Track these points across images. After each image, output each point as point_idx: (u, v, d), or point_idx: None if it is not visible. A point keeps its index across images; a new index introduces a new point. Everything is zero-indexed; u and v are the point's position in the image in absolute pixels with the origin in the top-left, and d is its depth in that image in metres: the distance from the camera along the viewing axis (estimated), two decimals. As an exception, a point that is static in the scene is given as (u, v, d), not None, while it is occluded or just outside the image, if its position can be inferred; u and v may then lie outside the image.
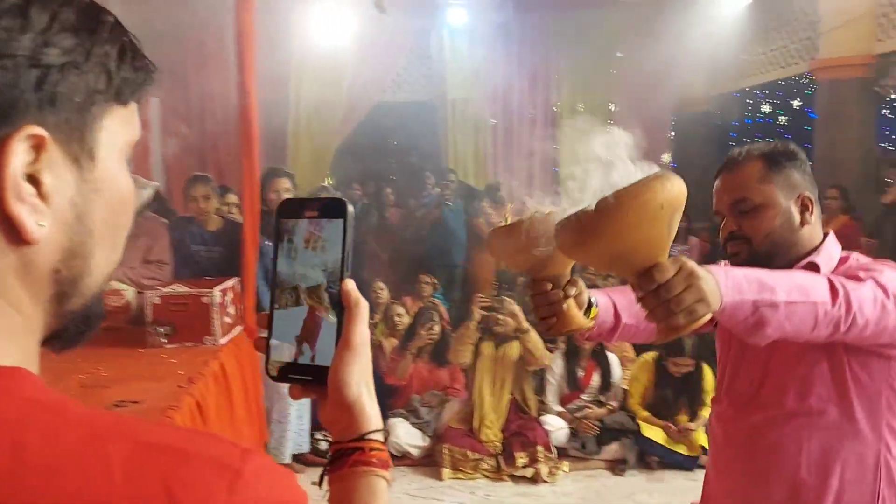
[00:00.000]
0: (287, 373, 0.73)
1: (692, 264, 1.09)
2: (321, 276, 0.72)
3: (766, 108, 9.40)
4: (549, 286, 1.28)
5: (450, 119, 8.64)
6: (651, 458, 4.44)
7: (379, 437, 0.71)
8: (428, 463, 4.44)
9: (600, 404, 4.64)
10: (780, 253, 1.51)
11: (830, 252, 1.51)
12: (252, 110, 3.49)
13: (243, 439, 3.15)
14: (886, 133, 9.25)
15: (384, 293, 5.60)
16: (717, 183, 1.61)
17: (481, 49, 8.46)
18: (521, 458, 4.27)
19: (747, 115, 9.65)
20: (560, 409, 4.64)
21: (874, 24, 6.18)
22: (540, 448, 4.28)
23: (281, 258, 0.74)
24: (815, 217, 1.53)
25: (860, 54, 6.27)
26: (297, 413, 4.28)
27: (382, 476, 0.69)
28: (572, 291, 1.29)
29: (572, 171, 1.16)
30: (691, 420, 4.42)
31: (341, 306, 0.71)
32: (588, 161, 1.13)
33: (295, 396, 0.76)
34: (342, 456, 0.70)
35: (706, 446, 4.33)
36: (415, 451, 4.49)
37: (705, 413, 4.46)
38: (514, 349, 4.53)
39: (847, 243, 4.95)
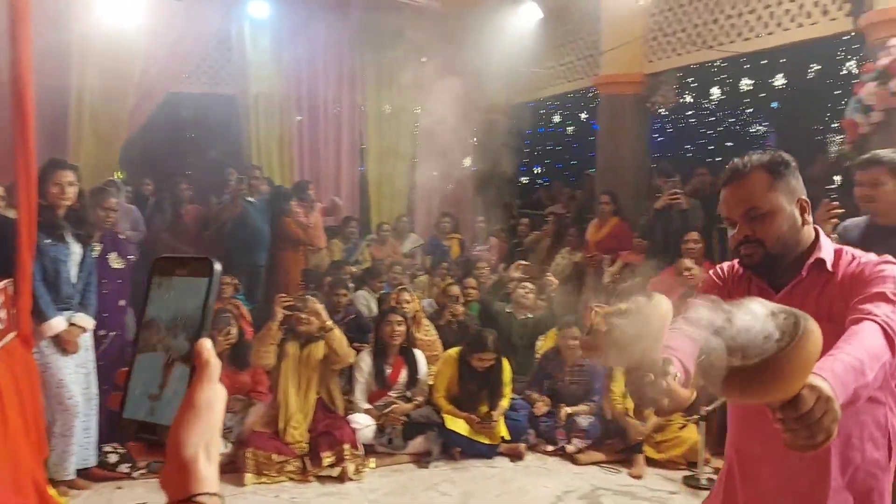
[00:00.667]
0: (136, 430, 0.72)
1: (828, 390, 1.18)
2: (181, 334, 0.72)
3: (556, 119, 10.10)
4: (651, 374, 1.35)
5: (253, 113, 8.36)
6: (454, 449, 4.61)
7: (211, 501, 0.69)
8: (230, 469, 4.27)
9: (408, 400, 4.75)
10: (788, 252, 1.69)
11: (828, 247, 1.70)
12: (27, 94, 3.15)
13: (19, 455, 2.84)
14: (658, 144, 10.34)
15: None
16: (725, 192, 1.75)
17: (285, 44, 8.29)
18: (328, 458, 4.25)
19: (540, 123, 10.32)
20: (368, 406, 4.67)
21: (646, 46, 6.89)
22: (347, 446, 4.29)
23: (149, 309, 0.74)
24: (809, 216, 1.72)
25: (634, 73, 6.96)
26: (83, 426, 3.94)
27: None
28: (672, 370, 1.36)
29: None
30: (492, 410, 4.66)
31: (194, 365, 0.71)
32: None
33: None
34: None
35: (506, 436, 4.60)
36: (216, 458, 4.30)
37: (505, 403, 4.73)
38: (319, 349, 4.49)
39: (620, 242, 5.45)
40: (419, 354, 4.91)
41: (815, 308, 1.59)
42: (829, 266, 1.66)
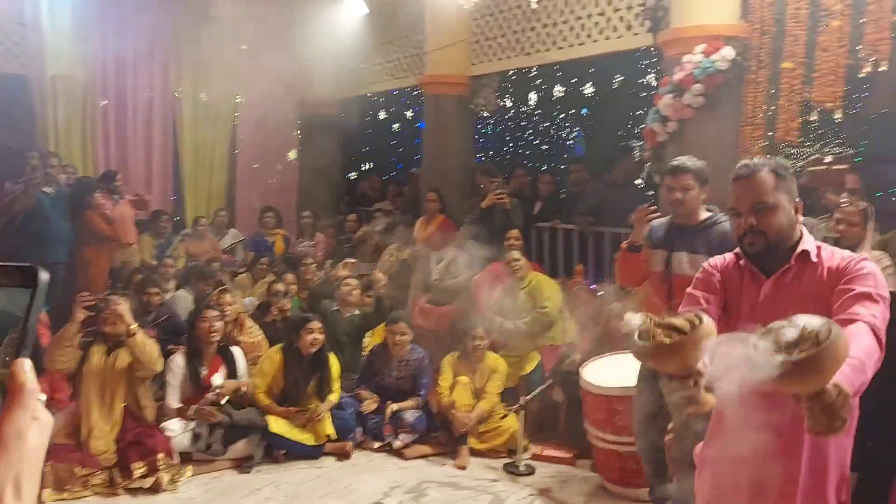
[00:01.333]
0: None
1: (846, 387, 1.45)
2: None
3: (382, 115, 10.11)
4: (691, 381, 1.59)
5: (50, 96, 7.61)
6: (278, 451, 4.49)
7: None
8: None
9: (228, 402, 4.54)
10: (782, 243, 1.98)
11: (810, 242, 2.00)
12: None
13: None
14: (480, 145, 10.69)
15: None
16: (736, 187, 2.03)
17: (91, 23, 7.63)
18: (139, 469, 3.96)
19: (367, 120, 10.29)
20: (179, 405, 4.41)
21: (469, 49, 7.10)
22: (160, 455, 4.02)
23: None
24: (800, 216, 2.02)
25: (458, 74, 7.15)
26: None
27: None
28: (702, 380, 1.58)
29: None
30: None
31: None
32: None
33: None
34: None
35: (332, 434, 4.54)
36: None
37: (333, 398, 4.68)
38: (126, 355, 4.17)
39: (445, 238, 5.55)
40: (237, 352, 4.72)
41: (803, 291, 1.93)
42: (812, 257, 1.96)
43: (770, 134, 4.55)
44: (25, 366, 0.63)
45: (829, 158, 4.11)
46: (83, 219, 6.29)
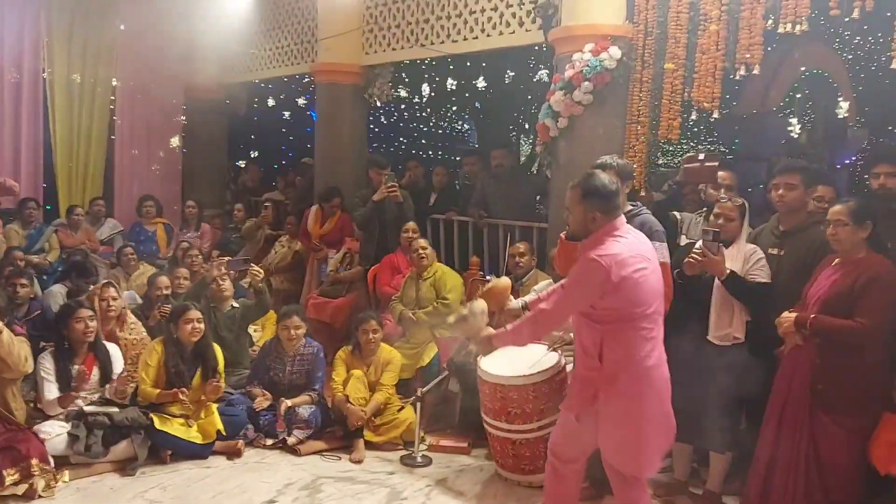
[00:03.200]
0: None
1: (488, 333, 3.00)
2: None
3: (271, 102, 9.84)
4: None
5: None
6: (164, 451, 4.29)
7: None
8: None
9: (107, 401, 4.30)
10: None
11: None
12: None
13: None
14: (373, 136, 10.60)
15: None
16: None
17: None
18: (11, 476, 3.67)
19: (255, 106, 9.98)
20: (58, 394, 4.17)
21: (362, 38, 7.00)
22: (34, 461, 3.74)
23: None
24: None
25: (352, 63, 7.04)
26: None
27: None
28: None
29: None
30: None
31: None
32: None
33: None
34: None
35: (222, 430, 4.39)
36: None
37: (222, 384, 4.55)
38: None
39: (342, 232, 5.50)
40: (113, 348, 4.48)
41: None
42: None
43: (654, 132, 4.75)
44: None
45: (702, 155, 4.33)
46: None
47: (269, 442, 4.58)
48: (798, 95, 8.56)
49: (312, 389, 4.77)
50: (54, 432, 4.05)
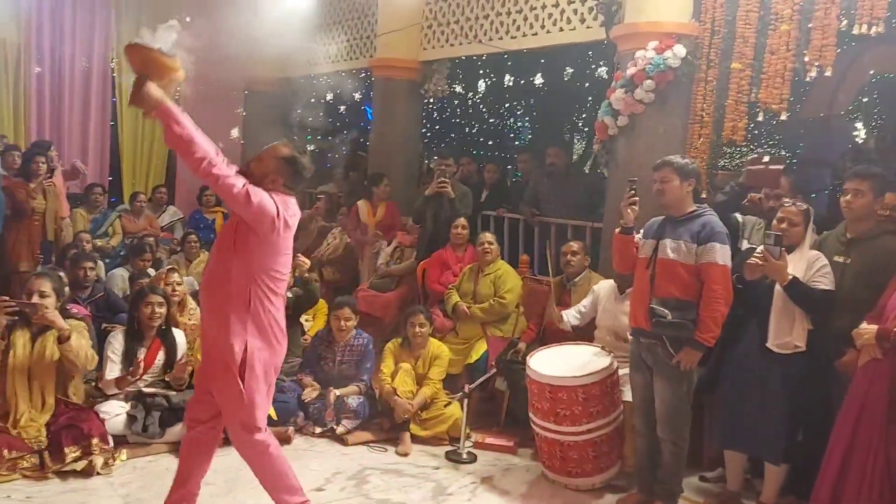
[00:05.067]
0: None
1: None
2: None
3: (329, 96, 9.95)
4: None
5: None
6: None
7: None
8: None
9: (167, 384, 4.41)
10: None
11: None
12: None
13: None
14: (427, 131, 10.63)
15: None
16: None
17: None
18: (73, 453, 3.80)
19: (312, 100, 10.10)
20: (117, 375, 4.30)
21: (421, 33, 7.03)
22: (95, 440, 3.86)
23: None
24: None
25: (409, 59, 7.08)
26: None
27: None
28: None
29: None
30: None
31: None
32: None
33: None
34: None
35: (273, 416, 4.45)
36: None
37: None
38: (53, 340, 3.95)
39: (394, 221, 5.54)
40: (178, 334, 4.58)
41: None
42: None
43: (717, 133, 4.65)
44: None
45: (766, 158, 4.22)
46: (11, 190, 5.99)
47: (318, 430, 4.64)
48: (865, 99, 8.26)
49: (361, 380, 4.81)
50: (114, 412, 4.17)
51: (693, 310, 3.44)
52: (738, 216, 4.32)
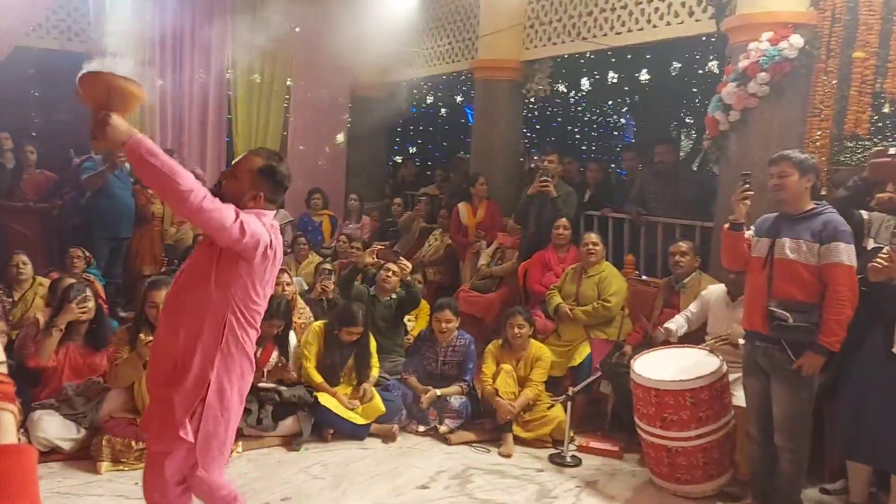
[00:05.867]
0: None
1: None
2: None
3: (430, 99, 10.09)
4: None
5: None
6: (326, 430, 4.53)
7: (1, 369, 0.62)
8: (83, 457, 3.97)
9: (281, 382, 4.60)
10: None
11: None
12: None
13: None
14: (526, 131, 10.58)
15: (28, 268, 4.88)
16: None
17: (148, 3, 7.74)
18: (193, 443, 4.03)
19: (414, 104, 10.26)
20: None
21: (523, 33, 7.01)
22: (214, 431, 4.08)
23: None
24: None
25: (510, 59, 7.07)
26: None
27: (7, 409, 0.61)
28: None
29: None
30: (362, 383, 4.66)
31: None
32: None
33: None
34: None
35: (382, 411, 4.57)
36: (66, 445, 3.98)
37: (375, 373, 4.73)
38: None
39: (494, 221, 5.53)
40: (291, 335, 4.77)
41: None
42: None
43: (838, 126, 4.39)
44: None
45: (893, 150, 3.94)
46: (140, 197, 6.41)
47: (422, 429, 4.71)
48: None
49: (463, 380, 4.84)
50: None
51: (815, 312, 3.27)
52: (864, 213, 4.06)
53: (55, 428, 3.97)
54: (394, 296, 5.43)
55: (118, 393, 4.12)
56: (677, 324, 4.41)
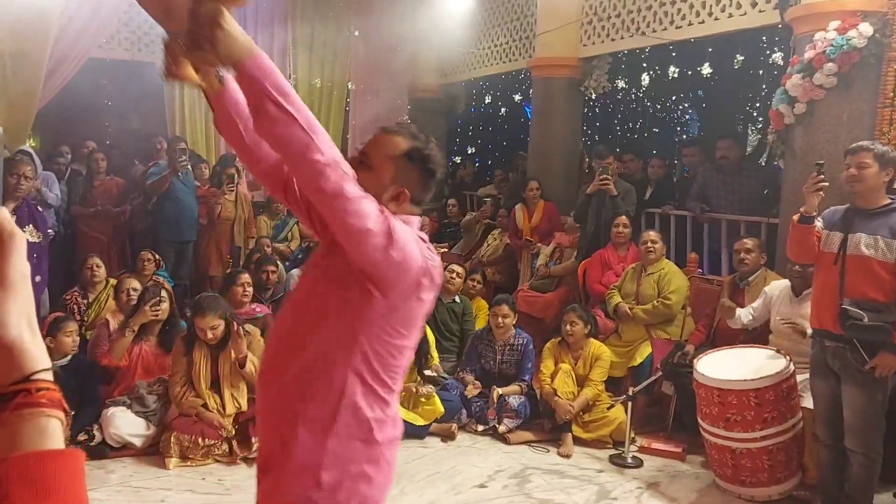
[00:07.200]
0: None
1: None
2: None
3: (488, 99, 10.09)
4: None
5: (177, 83, 8.03)
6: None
7: (47, 375, 0.64)
8: (152, 452, 4.13)
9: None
10: None
11: None
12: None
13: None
14: (586, 129, 10.46)
15: (101, 270, 5.09)
16: None
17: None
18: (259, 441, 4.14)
19: (472, 104, 10.28)
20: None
21: (580, 30, 6.94)
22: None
23: None
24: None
25: (568, 56, 7.00)
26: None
27: (54, 416, 0.64)
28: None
29: None
30: (423, 371, 4.70)
31: None
32: None
33: None
34: (3, 401, 0.62)
35: (442, 413, 4.59)
36: (137, 441, 4.15)
37: (435, 360, 4.76)
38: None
39: (551, 225, 5.49)
40: None
41: None
42: None
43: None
44: (6, 214, 0.66)
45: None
46: (199, 200, 6.60)
47: (480, 428, 4.72)
48: None
49: (522, 380, 4.83)
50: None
51: (892, 312, 3.14)
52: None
53: (127, 425, 4.13)
54: (457, 300, 5.44)
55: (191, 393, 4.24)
56: (744, 313, 4.30)
